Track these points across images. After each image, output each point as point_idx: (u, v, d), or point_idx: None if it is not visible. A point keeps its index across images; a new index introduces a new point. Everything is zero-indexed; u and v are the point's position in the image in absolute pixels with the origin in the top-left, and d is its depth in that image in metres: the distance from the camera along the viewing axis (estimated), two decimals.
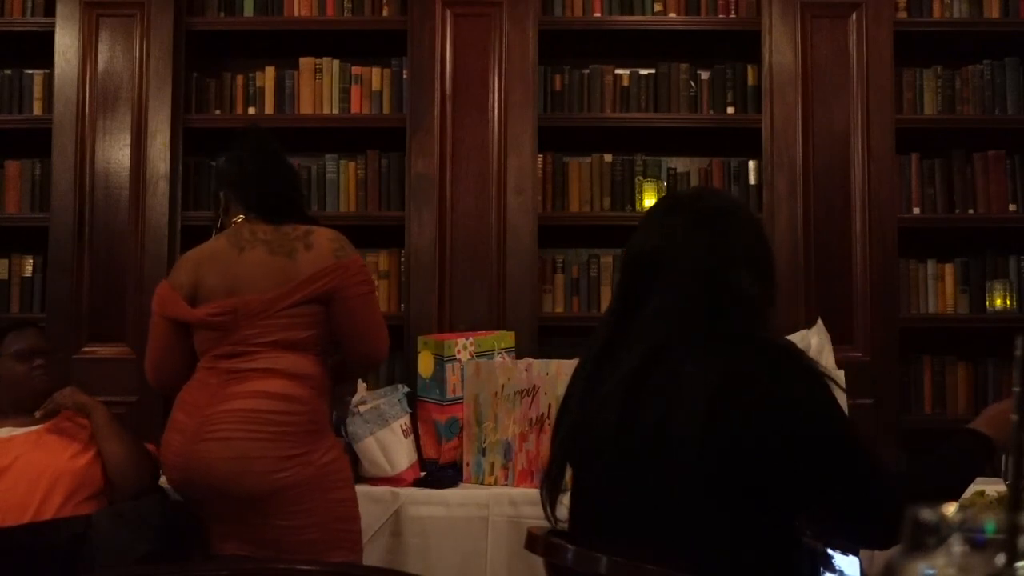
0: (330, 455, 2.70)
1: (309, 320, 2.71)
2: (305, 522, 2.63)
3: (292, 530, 2.63)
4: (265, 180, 2.86)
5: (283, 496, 2.62)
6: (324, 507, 2.66)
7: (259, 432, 2.62)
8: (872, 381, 4.00)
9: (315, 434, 2.67)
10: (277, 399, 2.64)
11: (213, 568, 1.72)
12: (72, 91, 4.17)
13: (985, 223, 4.34)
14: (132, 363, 4.06)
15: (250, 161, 2.88)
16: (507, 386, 3.16)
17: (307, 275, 2.70)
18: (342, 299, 2.72)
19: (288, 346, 2.69)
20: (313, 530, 2.63)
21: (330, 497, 2.67)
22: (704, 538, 1.65)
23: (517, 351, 3.55)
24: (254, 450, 2.60)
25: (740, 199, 2.02)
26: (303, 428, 2.65)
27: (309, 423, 2.67)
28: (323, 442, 2.69)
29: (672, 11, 4.35)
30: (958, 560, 0.75)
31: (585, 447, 1.82)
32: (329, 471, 2.68)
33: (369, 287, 2.79)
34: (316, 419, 2.70)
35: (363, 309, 2.75)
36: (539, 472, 3.05)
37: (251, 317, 2.69)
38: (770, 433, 1.64)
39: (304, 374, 2.69)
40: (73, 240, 4.12)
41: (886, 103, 4.19)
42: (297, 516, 2.63)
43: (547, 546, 1.68)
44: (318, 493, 2.66)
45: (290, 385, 2.67)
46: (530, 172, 4.17)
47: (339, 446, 2.80)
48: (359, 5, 4.36)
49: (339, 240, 2.78)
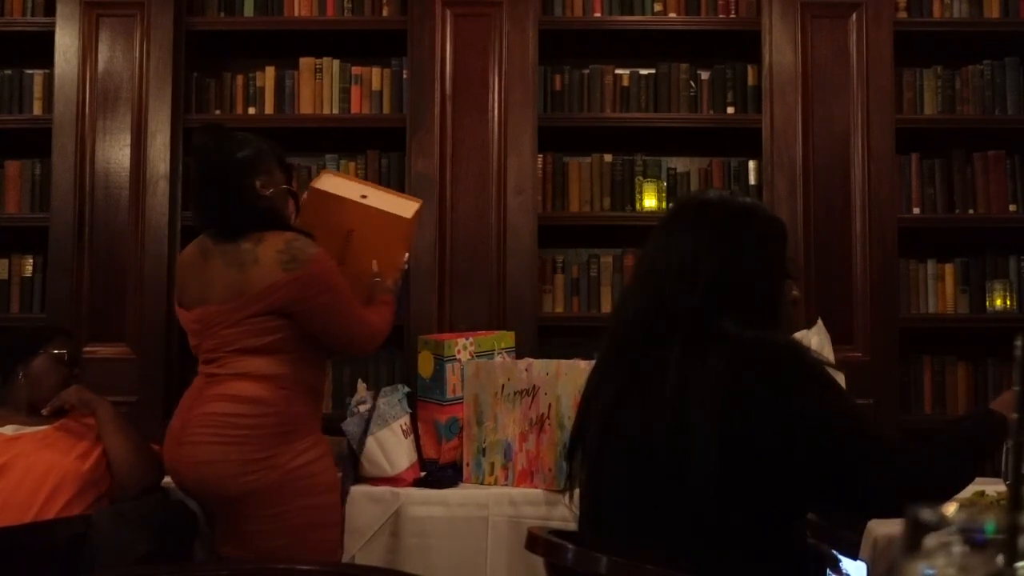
0: (303, 459, 2.64)
1: (272, 326, 2.67)
2: (271, 527, 2.60)
3: (259, 535, 2.60)
4: (203, 195, 2.77)
5: (250, 500, 2.60)
6: (293, 513, 2.62)
7: (223, 436, 2.61)
8: (872, 381, 4.00)
9: (284, 437, 2.62)
10: (244, 402, 2.63)
11: (213, 568, 1.72)
12: (72, 91, 4.17)
13: (985, 223, 4.34)
14: (132, 363, 4.06)
15: (193, 173, 2.83)
16: (507, 386, 3.15)
17: (257, 290, 2.65)
18: (303, 311, 2.66)
19: (255, 351, 2.66)
20: (281, 536, 2.60)
21: (301, 503, 2.62)
22: (712, 538, 1.65)
23: (517, 351, 3.55)
24: (217, 454, 2.60)
25: (759, 201, 2.03)
26: (270, 431, 2.61)
27: (277, 425, 2.63)
28: (295, 445, 2.64)
29: (672, 11, 4.35)
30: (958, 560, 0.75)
31: (596, 446, 1.82)
32: (300, 475, 2.62)
33: (330, 295, 2.68)
34: (286, 421, 2.64)
35: (328, 316, 2.68)
36: (539, 472, 3.05)
37: (215, 326, 2.69)
38: (780, 433, 1.64)
39: (274, 375, 2.65)
40: (73, 240, 4.12)
41: (886, 103, 4.19)
42: (264, 521, 2.60)
43: (547, 546, 1.68)
44: (287, 498, 2.61)
45: (259, 387, 2.64)
46: (530, 172, 4.17)
47: (319, 449, 2.71)
48: (359, 5, 4.36)
49: (290, 250, 2.65)
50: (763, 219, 1.88)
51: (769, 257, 1.84)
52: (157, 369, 4.09)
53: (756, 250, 1.82)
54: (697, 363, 1.69)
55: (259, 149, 2.76)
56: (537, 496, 3.03)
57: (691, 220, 1.84)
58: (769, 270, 1.84)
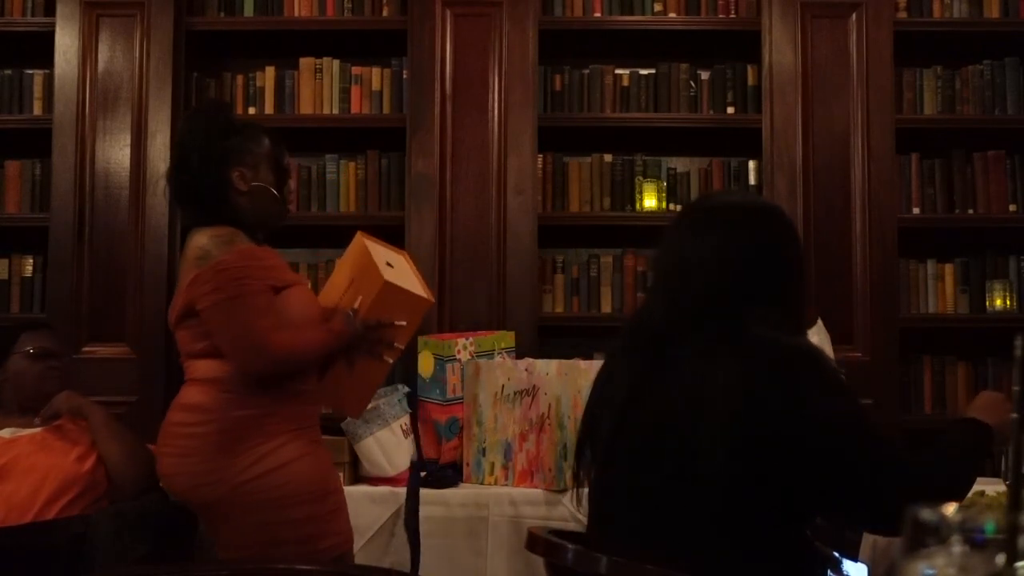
0: (255, 471, 2.41)
1: (200, 331, 2.48)
2: (235, 542, 2.43)
3: (223, 549, 2.47)
4: (175, 168, 2.58)
5: (207, 514, 2.47)
6: (252, 529, 2.40)
7: (175, 447, 2.48)
8: (872, 381, 4.00)
9: (228, 449, 2.41)
10: (187, 410, 2.48)
11: (213, 568, 1.72)
12: (72, 91, 4.17)
13: (985, 223, 4.34)
14: (132, 363, 4.06)
15: (176, 143, 2.70)
16: (507, 386, 3.16)
17: (181, 288, 2.50)
18: (200, 313, 2.44)
19: (200, 354, 2.49)
20: (247, 551, 2.40)
21: (260, 519, 2.40)
22: (719, 539, 1.65)
23: (517, 351, 3.55)
24: (172, 466, 2.49)
25: (773, 202, 2.03)
26: (211, 442, 2.42)
27: (218, 434, 2.42)
28: (243, 457, 2.41)
29: (672, 11, 4.35)
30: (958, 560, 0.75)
31: (603, 444, 1.82)
32: (251, 490, 2.39)
33: (220, 295, 2.40)
34: (228, 428, 2.42)
35: (215, 319, 2.42)
36: (539, 472, 3.05)
37: (174, 328, 2.56)
38: (792, 438, 1.64)
39: (216, 378, 2.45)
40: (73, 240, 4.12)
41: (886, 103, 4.19)
42: (224, 535, 2.45)
43: (547, 546, 1.68)
44: (240, 514, 2.41)
45: (202, 392, 2.46)
46: (530, 172, 4.17)
47: (279, 458, 2.43)
48: (359, 5, 4.36)
49: (209, 244, 2.45)
50: (783, 220, 1.88)
51: (790, 258, 1.84)
52: (157, 369, 4.09)
53: (779, 251, 1.82)
54: (714, 364, 1.69)
55: (251, 140, 2.56)
56: (537, 496, 3.03)
57: (715, 221, 1.84)
58: (791, 271, 1.83)
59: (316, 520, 2.45)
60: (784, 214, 1.92)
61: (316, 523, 2.45)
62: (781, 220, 1.88)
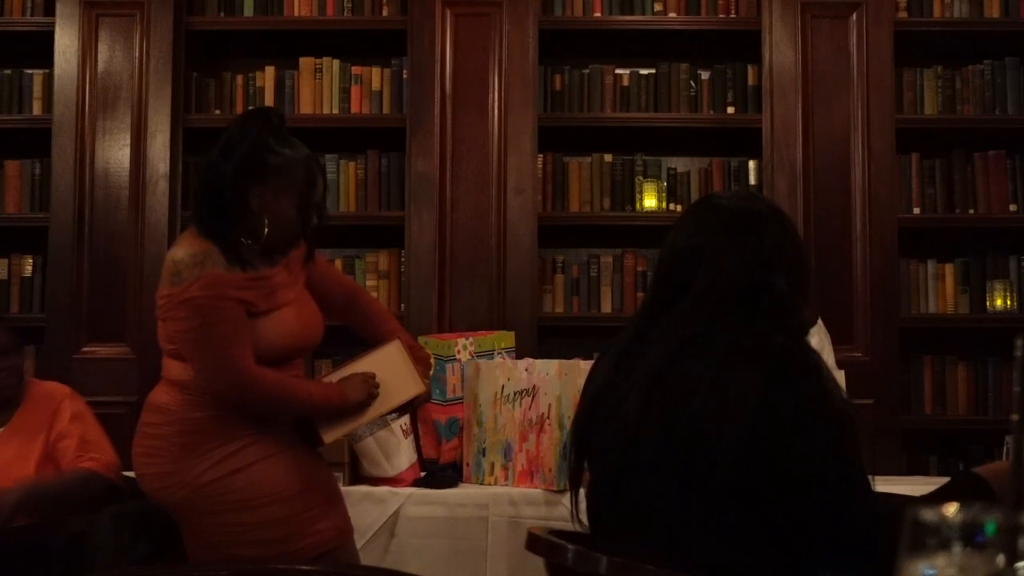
0: (215, 472, 2.39)
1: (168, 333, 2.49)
2: (197, 543, 2.44)
3: (190, 550, 2.47)
4: (202, 167, 2.56)
5: (175, 513, 2.46)
6: (215, 532, 2.40)
7: (140, 447, 2.48)
8: (872, 381, 4.00)
9: (190, 450, 2.40)
10: (153, 410, 2.47)
11: (213, 568, 1.72)
12: (72, 91, 4.17)
13: (985, 223, 4.34)
14: (132, 363, 4.06)
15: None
16: (507, 386, 3.15)
17: (159, 290, 2.47)
18: (170, 328, 2.44)
19: (170, 354, 2.48)
20: (211, 553, 2.41)
21: (222, 521, 2.40)
22: (714, 540, 1.65)
23: (517, 351, 3.55)
24: (140, 466, 2.48)
25: (776, 203, 2.02)
26: (174, 443, 2.41)
27: (180, 435, 2.41)
28: (203, 459, 2.40)
29: (672, 11, 4.35)
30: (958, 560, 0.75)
31: (606, 442, 1.81)
32: (212, 492, 2.38)
33: (188, 323, 2.38)
34: (189, 431, 2.41)
35: (186, 349, 2.42)
36: (539, 472, 3.05)
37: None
38: (776, 456, 1.64)
39: (179, 380, 2.44)
40: (73, 240, 4.12)
41: (886, 103, 4.19)
42: (189, 535, 2.46)
43: (547, 546, 1.68)
44: (202, 515, 2.41)
45: (168, 392, 2.46)
46: (530, 172, 4.17)
47: (241, 460, 2.41)
48: (359, 5, 4.36)
49: (182, 263, 2.39)
50: (788, 220, 1.87)
51: (797, 259, 1.83)
52: (157, 369, 4.07)
53: (785, 252, 1.81)
54: (725, 372, 1.68)
55: (285, 168, 2.46)
56: (537, 496, 3.02)
57: (718, 222, 1.83)
58: (800, 273, 1.83)
59: (289, 520, 2.42)
60: (783, 215, 1.91)
61: (289, 524, 2.42)
62: (787, 220, 1.87)
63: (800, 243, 1.88)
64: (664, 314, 1.80)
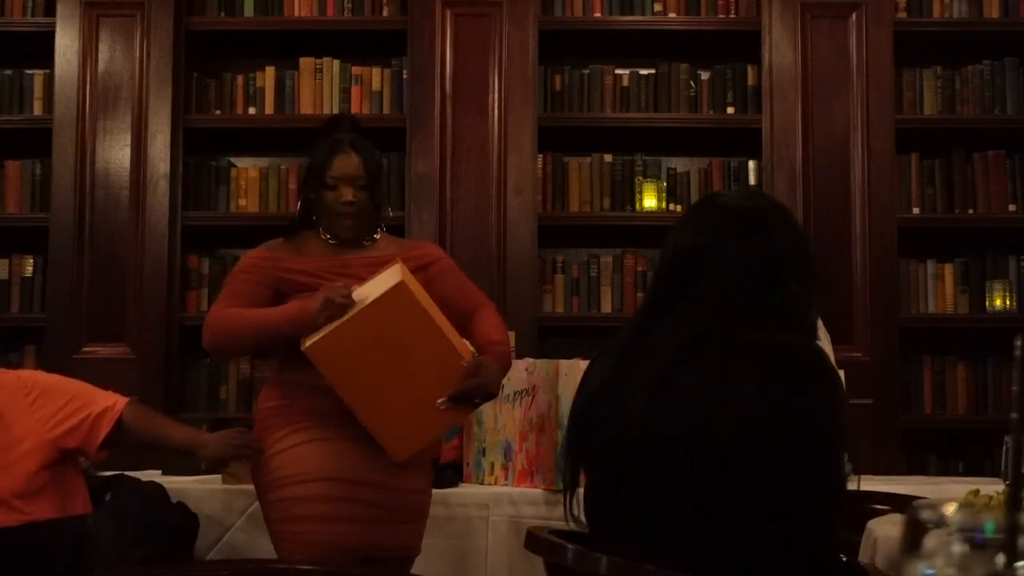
0: (266, 455, 2.65)
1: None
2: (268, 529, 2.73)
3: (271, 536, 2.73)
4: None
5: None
6: (267, 510, 2.68)
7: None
8: (872, 381, 4.00)
9: (256, 438, 2.70)
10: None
11: (213, 568, 1.72)
12: (72, 91, 4.17)
13: (985, 223, 4.34)
14: (132, 363, 4.06)
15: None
16: (507, 386, 3.15)
17: None
18: None
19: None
20: (274, 535, 2.70)
21: (267, 499, 2.66)
22: (714, 541, 1.65)
23: (517, 351, 3.55)
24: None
25: (782, 201, 2.00)
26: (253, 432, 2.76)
27: (255, 424, 2.74)
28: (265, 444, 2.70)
29: (672, 11, 4.35)
30: (958, 560, 0.75)
31: (606, 442, 1.80)
32: (259, 473, 2.67)
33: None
34: (259, 418, 2.73)
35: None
36: (539, 472, 3.06)
37: None
38: (765, 456, 1.64)
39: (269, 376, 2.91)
40: (73, 240, 4.12)
41: (886, 103, 4.19)
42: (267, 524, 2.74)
43: (547, 546, 1.68)
44: (259, 498, 2.72)
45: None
46: (530, 172, 4.17)
47: (287, 442, 2.60)
48: (359, 5, 4.36)
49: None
50: (794, 218, 1.86)
51: (805, 257, 1.82)
52: (157, 369, 4.09)
53: (793, 251, 1.80)
54: (729, 371, 1.67)
55: (313, 156, 2.74)
56: (537, 496, 3.03)
57: (722, 221, 1.81)
58: (808, 271, 1.82)
59: (330, 500, 2.54)
60: (789, 214, 1.90)
61: (330, 503, 2.54)
62: (793, 219, 1.86)
63: (807, 241, 1.86)
64: (664, 314, 1.79)
